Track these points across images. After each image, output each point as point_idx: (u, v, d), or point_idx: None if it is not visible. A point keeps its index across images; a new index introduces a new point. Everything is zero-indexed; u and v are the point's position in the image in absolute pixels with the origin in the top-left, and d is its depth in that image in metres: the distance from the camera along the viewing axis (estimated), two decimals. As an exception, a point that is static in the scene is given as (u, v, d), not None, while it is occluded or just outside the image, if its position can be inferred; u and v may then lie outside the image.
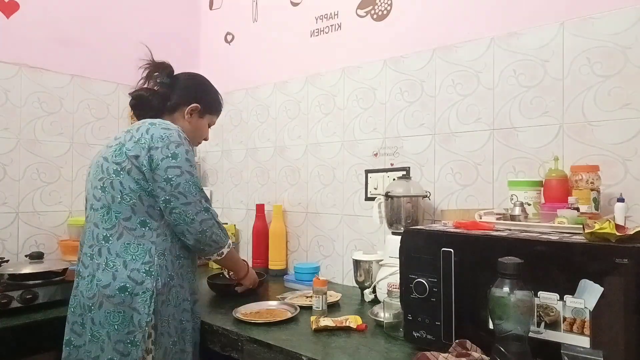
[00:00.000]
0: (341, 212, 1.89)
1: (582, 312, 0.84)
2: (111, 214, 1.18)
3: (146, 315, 1.12)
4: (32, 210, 1.91)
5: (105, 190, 1.19)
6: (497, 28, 1.48)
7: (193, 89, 1.41)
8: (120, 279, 1.14)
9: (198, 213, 1.19)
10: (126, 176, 1.17)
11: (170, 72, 1.40)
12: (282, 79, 2.13)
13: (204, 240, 1.22)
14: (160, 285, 1.16)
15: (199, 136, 1.45)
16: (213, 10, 2.49)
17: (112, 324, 1.13)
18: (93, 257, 1.18)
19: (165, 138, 1.19)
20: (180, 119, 1.37)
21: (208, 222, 1.21)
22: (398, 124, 1.71)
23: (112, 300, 1.13)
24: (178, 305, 1.22)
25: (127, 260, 1.15)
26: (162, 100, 1.36)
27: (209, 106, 1.43)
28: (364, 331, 1.24)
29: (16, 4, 1.87)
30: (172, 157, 1.18)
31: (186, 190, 1.18)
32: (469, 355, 0.91)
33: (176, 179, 1.17)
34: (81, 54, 2.06)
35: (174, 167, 1.17)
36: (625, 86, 1.25)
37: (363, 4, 1.84)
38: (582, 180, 1.21)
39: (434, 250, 1.04)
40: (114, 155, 1.20)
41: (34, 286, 1.46)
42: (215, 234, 1.24)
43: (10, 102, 1.85)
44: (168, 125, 1.23)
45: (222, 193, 2.40)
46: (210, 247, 1.25)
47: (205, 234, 1.21)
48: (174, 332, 1.19)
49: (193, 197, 1.18)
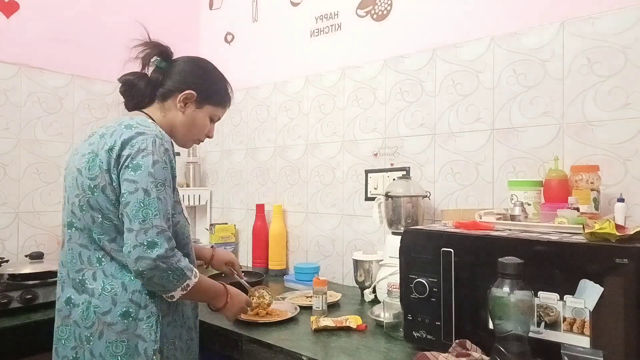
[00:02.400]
0: (341, 212, 1.89)
1: (582, 312, 0.84)
2: (93, 236, 1.03)
3: (152, 343, 1.01)
4: (32, 210, 1.90)
5: (84, 210, 1.03)
6: (497, 28, 1.48)
7: (191, 73, 1.18)
8: (122, 303, 1.01)
9: (136, 247, 0.94)
10: (101, 194, 1.00)
11: (165, 54, 1.18)
12: (282, 79, 2.13)
13: (143, 280, 0.98)
14: (165, 306, 1.05)
15: (197, 132, 1.21)
16: (213, 10, 2.49)
17: (116, 355, 0.99)
18: (85, 282, 1.03)
19: (135, 145, 0.99)
20: (173, 109, 1.16)
21: (145, 263, 0.94)
22: (398, 124, 1.71)
23: (113, 329, 1.00)
24: (184, 325, 1.12)
25: (126, 281, 1.02)
26: (153, 86, 1.16)
27: (209, 95, 1.19)
28: (364, 331, 1.24)
29: (16, 4, 1.87)
30: (133, 168, 0.98)
31: (132, 213, 0.96)
32: (469, 355, 0.91)
33: (127, 196, 0.97)
34: (81, 54, 2.06)
35: (129, 181, 0.97)
36: (625, 86, 1.25)
37: (363, 4, 1.84)
38: (582, 180, 1.21)
39: (434, 250, 1.04)
40: (87, 167, 1.02)
41: (34, 286, 1.46)
42: (159, 277, 0.96)
43: (10, 102, 1.85)
44: (145, 129, 1.03)
45: (222, 193, 2.40)
46: (153, 288, 1.01)
47: (141, 274, 0.96)
48: (180, 355, 1.09)
49: (137, 224, 0.95)
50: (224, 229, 2.20)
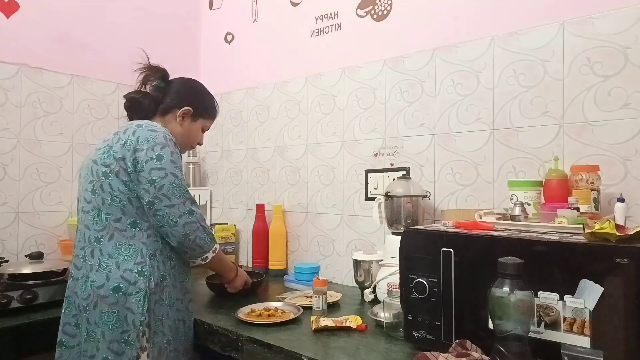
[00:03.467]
0: (341, 212, 1.89)
1: (582, 312, 0.84)
2: (102, 216, 1.20)
3: (140, 315, 1.15)
4: (32, 210, 1.90)
5: (96, 193, 1.20)
6: (497, 28, 1.48)
7: (187, 92, 1.41)
8: (114, 279, 1.16)
9: (182, 216, 1.18)
10: (115, 178, 1.18)
11: (165, 76, 1.40)
12: (282, 79, 2.13)
13: (187, 244, 1.21)
14: (153, 284, 1.18)
15: (192, 140, 1.44)
16: (213, 10, 2.49)
17: (107, 324, 1.14)
18: (86, 258, 1.20)
19: (151, 140, 1.19)
20: (172, 122, 1.37)
21: (192, 226, 1.20)
22: (398, 124, 1.71)
23: (106, 301, 1.15)
24: (172, 305, 1.25)
25: (120, 260, 1.17)
26: (155, 103, 1.37)
27: (202, 110, 1.43)
28: (364, 331, 1.24)
29: (16, 4, 1.87)
30: (157, 158, 1.18)
31: (170, 192, 1.17)
32: (469, 355, 0.91)
33: (160, 180, 1.17)
34: (81, 54, 2.06)
35: (157, 169, 1.17)
36: (625, 86, 1.25)
37: (363, 4, 1.84)
38: (582, 180, 1.21)
39: (434, 250, 1.04)
40: (102, 157, 1.21)
41: (34, 286, 1.46)
42: (200, 238, 1.22)
43: (10, 102, 1.85)
44: (155, 127, 1.24)
45: (222, 193, 2.40)
46: (193, 251, 1.24)
47: (188, 237, 1.20)
48: (167, 332, 1.22)
49: (177, 200, 1.18)
50: (224, 229, 2.20)
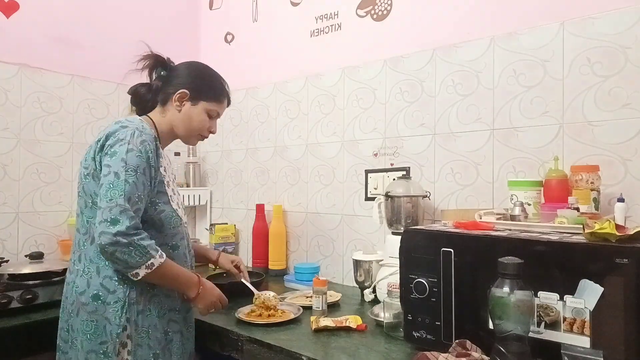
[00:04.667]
0: (341, 212, 1.89)
1: (582, 312, 0.84)
2: (84, 219, 1.15)
3: (116, 327, 1.08)
4: (32, 210, 1.90)
5: (80, 196, 1.17)
6: (497, 28, 1.48)
7: (185, 75, 1.28)
8: (94, 286, 1.10)
9: (101, 222, 1.03)
10: (91, 180, 1.13)
11: (163, 63, 1.29)
12: (282, 79, 2.13)
13: (105, 255, 1.06)
14: (135, 294, 1.10)
15: (195, 126, 1.28)
16: (213, 10, 2.49)
17: (86, 333, 1.09)
18: (75, 263, 1.16)
19: (116, 135, 1.11)
20: (171, 109, 1.26)
21: (106, 237, 1.02)
22: (398, 124, 1.71)
23: (86, 308, 1.10)
24: (162, 316, 1.16)
25: (100, 266, 1.11)
26: (155, 92, 1.28)
27: (201, 91, 1.27)
28: (364, 331, 1.24)
29: (16, 4, 1.87)
30: (110, 154, 1.09)
31: (103, 193, 1.06)
32: (469, 355, 0.91)
33: (102, 178, 1.08)
34: (81, 54, 2.06)
35: (105, 165, 1.09)
36: (625, 86, 1.25)
37: (363, 4, 1.84)
38: (582, 180, 1.21)
39: (434, 250, 1.04)
40: (85, 159, 1.17)
41: (34, 286, 1.46)
42: (120, 252, 1.03)
43: (10, 102, 1.85)
44: (129, 123, 1.15)
45: (222, 193, 2.40)
46: (117, 265, 1.07)
47: (104, 248, 1.03)
48: (156, 345, 1.13)
49: (105, 203, 1.05)
50: (224, 229, 2.20)
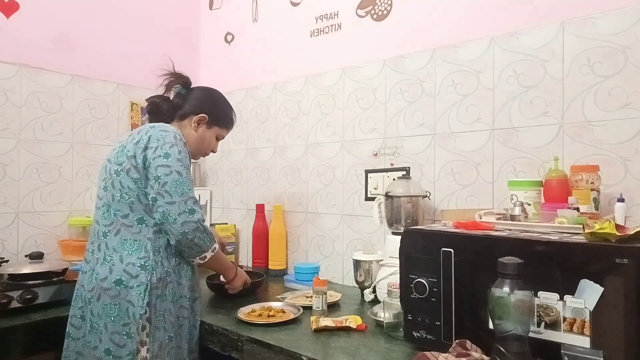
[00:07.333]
0: (341, 212, 1.89)
1: (582, 312, 0.84)
2: (110, 212, 1.24)
3: (140, 308, 1.17)
4: (32, 210, 1.91)
5: (107, 190, 1.26)
6: (497, 28, 1.48)
7: (205, 100, 1.46)
8: (117, 272, 1.19)
9: (181, 214, 1.19)
10: (125, 176, 1.23)
11: (186, 83, 1.46)
12: (282, 79, 2.13)
13: (185, 242, 1.21)
14: (155, 279, 1.20)
15: (205, 147, 1.49)
16: (213, 10, 2.49)
17: (109, 316, 1.17)
18: (93, 252, 1.25)
19: (161, 139, 1.23)
20: (188, 127, 1.43)
21: (190, 225, 1.20)
22: (398, 124, 1.71)
23: (108, 293, 1.18)
24: (175, 302, 1.26)
25: (124, 255, 1.21)
26: (174, 108, 1.43)
27: (218, 119, 1.47)
28: (364, 331, 1.24)
29: (16, 4, 1.87)
30: (164, 156, 1.21)
31: (172, 190, 1.19)
32: (469, 355, 0.91)
33: (164, 177, 1.20)
34: (81, 54, 2.06)
35: (163, 166, 1.21)
36: (625, 86, 1.25)
37: (363, 4, 1.84)
38: (582, 180, 1.21)
39: (434, 250, 1.04)
40: (116, 156, 1.27)
41: (34, 286, 1.46)
42: (198, 237, 1.22)
43: (10, 102, 1.85)
44: (166, 127, 1.28)
45: (222, 193, 2.40)
46: (191, 250, 1.24)
47: (186, 236, 1.20)
48: (170, 328, 1.23)
49: (178, 197, 1.19)
50: (224, 229, 2.20)
